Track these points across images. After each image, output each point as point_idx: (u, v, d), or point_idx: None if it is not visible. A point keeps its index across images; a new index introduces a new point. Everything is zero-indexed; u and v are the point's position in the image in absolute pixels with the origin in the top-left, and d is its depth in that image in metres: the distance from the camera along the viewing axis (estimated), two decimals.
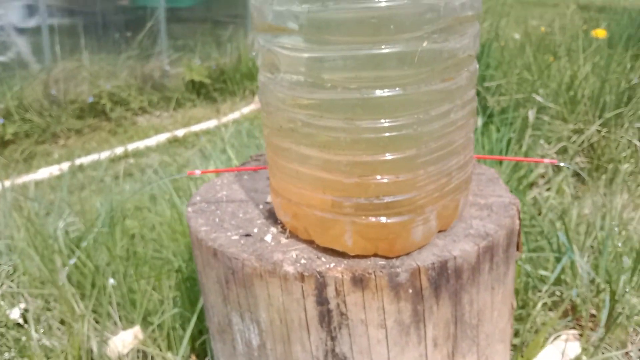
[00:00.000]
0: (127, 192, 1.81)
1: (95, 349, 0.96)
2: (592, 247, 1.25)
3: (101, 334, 0.97)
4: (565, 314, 1.15)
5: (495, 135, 1.66)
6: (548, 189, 1.60)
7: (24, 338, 1.04)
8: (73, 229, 1.39)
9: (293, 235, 0.59)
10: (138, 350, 0.98)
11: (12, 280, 1.27)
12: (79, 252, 1.20)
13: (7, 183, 2.07)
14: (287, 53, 0.49)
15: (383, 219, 0.50)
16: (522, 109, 1.71)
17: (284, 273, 0.53)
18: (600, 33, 2.19)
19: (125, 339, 0.99)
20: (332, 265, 0.53)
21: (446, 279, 0.54)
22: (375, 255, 0.54)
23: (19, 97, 3.03)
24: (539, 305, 1.03)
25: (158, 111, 3.32)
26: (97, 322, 1.05)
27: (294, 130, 0.50)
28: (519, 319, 1.08)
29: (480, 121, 1.71)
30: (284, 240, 0.58)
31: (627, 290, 1.08)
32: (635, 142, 1.72)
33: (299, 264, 0.53)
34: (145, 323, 1.02)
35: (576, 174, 1.65)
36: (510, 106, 1.72)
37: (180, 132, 2.86)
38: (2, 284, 1.26)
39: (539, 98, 1.70)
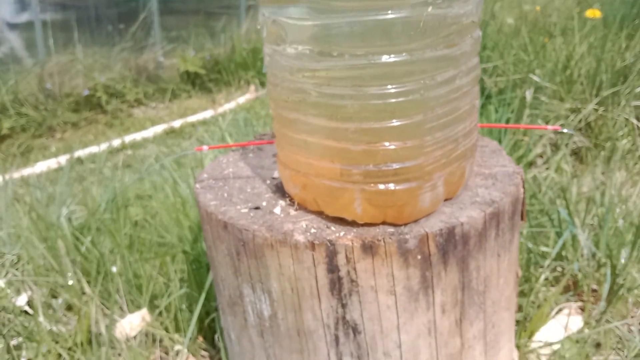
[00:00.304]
0: (127, 182, 1.81)
1: (103, 331, 0.97)
2: (592, 224, 1.27)
3: (110, 317, 0.98)
4: (567, 289, 1.17)
5: (494, 116, 1.67)
6: (547, 168, 1.61)
7: (32, 323, 1.05)
8: (76, 217, 1.39)
9: (302, 207, 0.59)
10: (146, 333, 0.99)
11: (16, 269, 1.28)
12: (85, 239, 1.20)
13: (6, 177, 2.07)
14: (293, 23, 0.49)
15: (391, 186, 0.51)
16: (519, 90, 1.72)
17: (294, 242, 0.54)
18: (595, 13, 2.19)
19: (133, 322, 1.00)
20: (342, 233, 0.54)
21: (454, 245, 0.55)
22: (384, 223, 0.55)
23: (14, 92, 3.02)
24: (541, 279, 1.04)
25: (154, 103, 3.31)
26: (105, 306, 1.06)
27: (301, 101, 0.51)
28: (522, 294, 1.10)
29: (478, 102, 1.72)
30: (292, 212, 0.59)
31: (628, 264, 1.10)
32: (633, 120, 1.73)
33: (309, 233, 0.54)
34: (152, 306, 1.03)
35: (574, 153, 1.66)
36: (508, 87, 1.72)
37: (176, 123, 2.85)
38: (7, 273, 1.26)
39: (535, 78, 1.71)
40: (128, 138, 2.71)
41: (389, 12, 0.45)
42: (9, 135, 2.91)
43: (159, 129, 2.81)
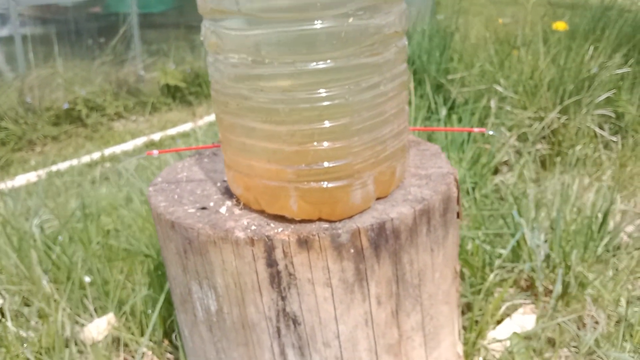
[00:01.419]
0: (101, 193, 1.84)
1: (69, 335, 0.99)
2: (551, 227, 1.32)
3: (72, 320, 1.01)
4: (525, 290, 1.21)
5: (457, 125, 1.72)
6: (512, 175, 1.66)
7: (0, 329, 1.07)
8: (48, 226, 1.42)
9: (246, 207, 0.63)
10: (112, 337, 1.02)
11: None
12: (55, 247, 1.23)
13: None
14: (230, 33, 0.53)
15: (324, 184, 0.55)
16: (484, 100, 1.78)
17: (235, 239, 0.57)
18: (561, 26, 2.27)
19: (100, 326, 1.03)
20: (280, 230, 0.58)
21: (385, 239, 0.59)
22: (320, 219, 0.59)
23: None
24: (490, 278, 1.08)
25: (134, 116, 3.34)
26: (75, 312, 1.09)
27: (239, 106, 0.55)
28: (476, 293, 1.14)
29: (444, 112, 1.77)
30: (237, 211, 0.62)
31: (580, 263, 1.15)
32: (594, 127, 1.79)
33: (249, 230, 0.58)
34: (120, 311, 1.05)
35: (539, 160, 1.71)
36: (472, 97, 1.78)
37: (156, 136, 2.88)
38: None
39: (499, 88, 1.77)
40: (108, 151, 2.73)
41: (314, 23, 0.49)
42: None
43: (139, 141, 2.83)
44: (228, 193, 0.67)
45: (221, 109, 0.58)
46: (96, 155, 2.64)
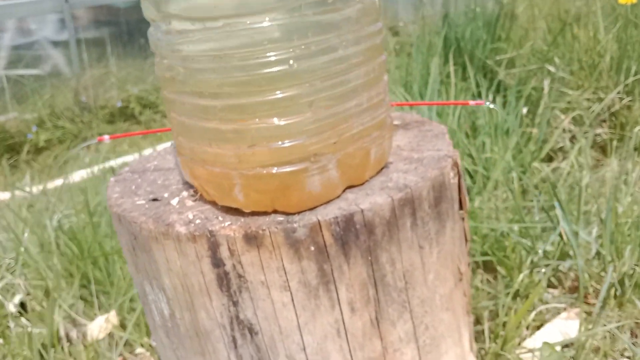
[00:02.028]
0: None
1: (71, 334, 0.95)
2: (601, 220, 1.16)
3: (70, 318, 0.97)
4: (572, 291, 1.07)
5: (508, 109, 1.57)
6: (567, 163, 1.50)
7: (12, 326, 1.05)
8: (73, 222, 1.41)
9: (201, 198, 0.55)
10: (113, 335, 0.97)
11: (12, 273, 1.30)
12: (72, 245, 1.21)
13: (40, 187, 2.14)
14: None
15: (273, 169, 0.46)
16: (534, 81, 1.61)
17: (176, 234, 0.49)
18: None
19: (102, 325, 0.99)
20: (226, 224, 0.49)
21: (355, 235, 0.49)
22: (275, 211, 0.50)
23: (51, 105, 3.14)
24: (521, 276, 0.95)
25: None
26: (83, 310, 1.06)
27: (174, 79, 0.47)
28: (515, 296, 1.01)
29: (491, 95, 1.63)
30: (190, 203, 0.55)
31: (634, 262, 0.99)
32: None
33: (192, 224, 0.50)
34: (122, 308, 1.01)
35: (595, 144, 1.53)
36: (521, 79, 1.62)
37: None
38: (2, 277, 1.28)
39: (552, 68, 1.60)
40: (160, 147, 2.75)
41: None
42: (45, 147, 3.02)
43: None
44: (189, 183, 0.59)
45: (162, 84, 0.51)
46: (148, 152, 2.66)
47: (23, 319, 1.08)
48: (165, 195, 0.57)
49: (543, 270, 1.02)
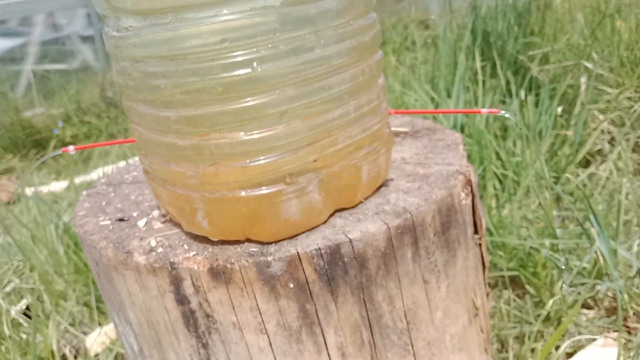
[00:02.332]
0: None
1: (65, 351, 0.90)
2: None
3: (63, 332, 0.92)
4: (609, 315, 0.96)
5: (540, 108, 1.45)
6: (601, 166, 1.38)
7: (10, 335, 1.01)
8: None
9: (172, 219, 0.48)
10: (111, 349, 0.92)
11: (20, 275, 1.27)
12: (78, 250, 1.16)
13: (66, 183, 2.13)
14: None
15: (240, 192, 0.39)
16: (571, 78, 1.49)
17: (135, 264, 0.42)
18: None
19: (99, 338, 0.93)
20: (191, 254, 0.42)
21: (343, 270, 0.41)
22: (249, 240, 0.42)
23: (77, 101, 3.14)
24: (550, 302, 0.85)
25: None
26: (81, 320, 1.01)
27: (126, 85, 0.40)
28: (546, 319, 0.91)
29: (522, 94, 1.51)
30: (158, 225, 0.48)
31: None
32: None
33: (154, 253, 0.43)
34: None
35: (637, 147, 1.41)
36: (556, 76, 1.50)
37: None
38: (9, 281, 1.25)
39: (589, 64, 1.47)
40: None
41: None
42: (72, 142, 3.02)
43: None
44: None
45: (121, 90, 0.44)
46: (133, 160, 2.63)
47: (24, 326, 1.04)
48: (134, 214, 0.50)
49: (577, 290, 0.92)
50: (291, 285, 0.41)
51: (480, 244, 0.53)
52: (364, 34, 0.40)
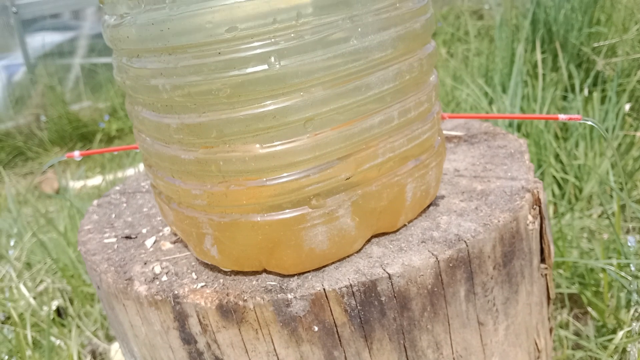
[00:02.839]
0: None
1: (89, 357, 0.87)
2: None
3: (88, 338, 0.88)
4: None
5: (607, 106, 1.32)
6: None
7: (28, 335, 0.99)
8: None
9: (183, 240, 0.41)
10: None
11: (54, 274, 1.25)
12: None
13: (111, 177, 2.13)
14: None
15: (256, 217, 0.32)
16: None
17: (136, 294, 0.36)
18: None
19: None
20: (199, 285, 0.35)
21: (380, 311, 0.34)
22: (267, 271, 0.35)
23: (123, 94, 3.16)
24: (621, 334, 0.75)
25: None
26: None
27: (124, 84, 0.33)
28: (605, 347, 0.81)
29: (586, 89, 1.38)
30: (168, 245, 0.41)
31: None
32: None
33: (157, 282, 0.36)
34: None
35: None
36: (624, 70, 1.36)
37: None
38: (41, 281, 1.23)
39: None
40: None
41: None
42: (117, 136, 3.05)
43: None
44: None
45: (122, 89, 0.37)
46: None
47: (55, 328, 1.01)
48: (144, 230, 0.44)
49: None
50: (315, 329, 0.34)
51: (546, 275, 0.44)
52: (412, 21, 0.32)
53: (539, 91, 1.35)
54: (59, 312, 1.11)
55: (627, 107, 1.33)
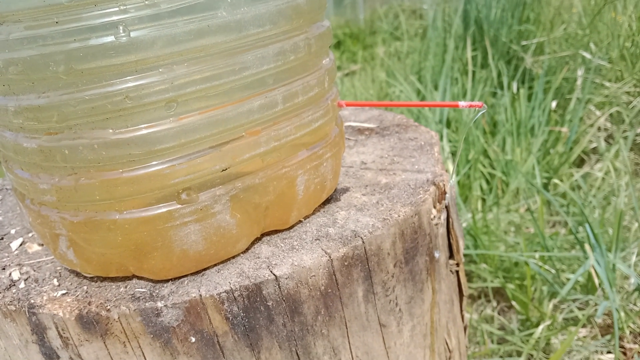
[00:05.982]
0: None
1: None
2: None
3: None
4: (605, 332, 0.86)
5: (533, 102, 1.35)
6: (601, 168, 1.28)
7: None
8: None
9: None
10: None
11: None
12: None
13: None
14: None
15: (114, 215, 0.27)
16: (568, 70, 1.39)
17: None
18: None
19: None
20: (59, 293, 0.31)
21: (268, 317, 0.30)
22: (137, 277, 0.31)
23: None
24: (541, 328, 0.75)
25: None
26: None
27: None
28: (527, 340, 0.81)
29: (515, 86, 1.40)
30: (35, 248, 0.36)
31: None
32: None
33: (13, 289, 0.32)
34: None
35: (635, 145, 1.31)
36: (551, 68, 1.39)
37: None
38: None
39: (587, 55, 1.37)
40: None
41: None
42: None
43: None
44: None
45: None
46: None
47: None
48: (13, 231, 0.39)
49: (569, 307, 0.82)
50: (193, 340, 0.30)
51: (457, 271, 0.42)
52: None
53: (468, 88, 1.36)
54: None
55: (554, 104, 1.37)
